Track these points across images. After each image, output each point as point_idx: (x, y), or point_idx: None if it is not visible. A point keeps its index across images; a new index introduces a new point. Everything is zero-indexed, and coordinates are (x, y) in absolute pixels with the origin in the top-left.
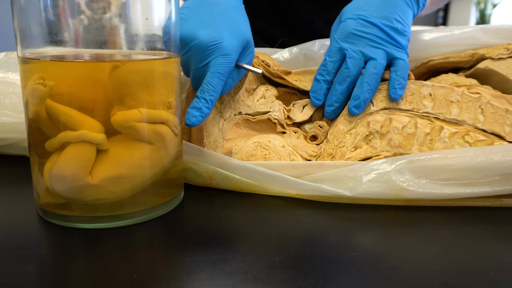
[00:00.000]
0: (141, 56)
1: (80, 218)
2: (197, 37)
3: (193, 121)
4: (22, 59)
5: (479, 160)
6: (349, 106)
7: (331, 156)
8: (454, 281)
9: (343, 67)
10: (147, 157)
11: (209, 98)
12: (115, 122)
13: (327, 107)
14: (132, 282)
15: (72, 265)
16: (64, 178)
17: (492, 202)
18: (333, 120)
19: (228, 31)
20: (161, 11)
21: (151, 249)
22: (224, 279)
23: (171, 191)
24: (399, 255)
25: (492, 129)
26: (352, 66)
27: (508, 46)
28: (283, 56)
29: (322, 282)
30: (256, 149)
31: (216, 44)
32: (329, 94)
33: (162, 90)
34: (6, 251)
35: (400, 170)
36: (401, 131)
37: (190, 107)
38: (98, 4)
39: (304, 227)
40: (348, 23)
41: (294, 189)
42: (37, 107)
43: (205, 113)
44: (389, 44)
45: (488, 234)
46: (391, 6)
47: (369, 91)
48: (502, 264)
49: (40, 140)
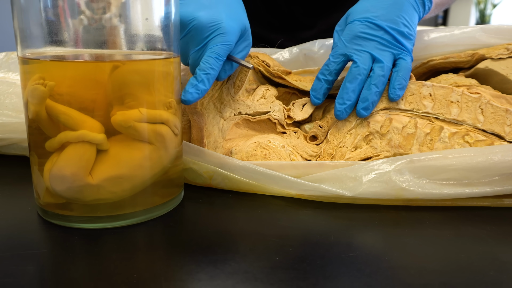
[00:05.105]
0: (141, 56)
1: (80, 218)
2: (197, 18)
3: (188, 97)
4: (22, 59)
5: (479, 160)
6: (358, 108)
7: (331, 156)
8: (454, 281)
9: (352, 66)
10: (147, 157)
11: (206, 76)
12: (115, 122)
13: (338, 105)
14: (132, 282)
15: (72, 265)
16: (64, 178)
17: (492, 202)
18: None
19: (227, 14)
20: (161, 11)
21: (151, 249)
22: (224, 279)
23: (171, 191)
24: (399, 255)
25: (492, 129)
26: (362, 65)
27: (508, 46)
28: (283, 56)
29: (322, 282)
30: (256, 149)
31: (216, 25)
32: (340, 92)
33: (162, 90)
34: (6, 251)
35: (400, 170)
36: (401, 131)
37: (186, 85)
38: (98, 4)
39: (304, 227)
40: (355, 25)
41: (294, 189)
42: (37, 107)
43: (201, 90)
44: (395, 47)
45: (488, 234)
46: (398, 10)
47: (377, 93)
48: (502, 264)
49: (40, 140)
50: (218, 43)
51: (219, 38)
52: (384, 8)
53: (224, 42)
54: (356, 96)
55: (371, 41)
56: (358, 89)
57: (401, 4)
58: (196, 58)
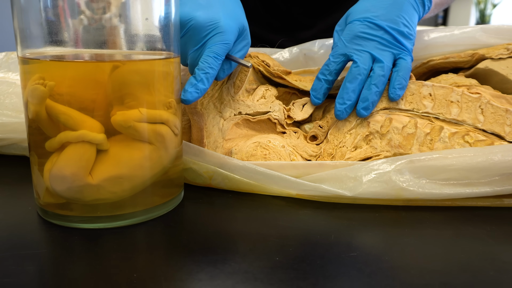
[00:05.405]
0: (141, 56)
1: (80, 218)
2: (194, 17)
3: (188, 97)
4: (22, 59)
5: (479, 160)
6: (358, 108)
7: (331, 156)
8: (454, 281)
9: (352, 65)
10: (147, 157)
11: (205, 76)
12: (115, 122)
13: (338, 105)
14: (132, 282)
15: (72, 265)
16: (64, 178)
17: (492, 202)
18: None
19: (225, 13)
20: (161, 11)
21: (151, 249)
22: (224, 279)
23: (171, 191)
24: (399, 255)
25: (492, 129)
26: (362, 64)
27: (508, 46)
28: (283, 56)
29: (322, 282)
30: (256, 149)
31: (214, 24)
32: (340, 92)
33: (162, 90)
34: (6, 251)
35: (400, 170)
36: (401, 131)
37: (186, 84)
38: (98, 4)
39: (304, 227)
40: (355, 25)
41: (294, 189)
42: (37, 107)
43: (201, 90)
44: (395, 47)
45: (488, 234)
46: (398, 9)
47: (377, 93)
48: (502, 264)
49: (40, 140)
50: (217, 42)
51: (217, 38)
52: (384, 8)
53: (222, 41)
54: (356, 96)
55: (371, 41)
56: (358, 89)
57: (401, 4)
58: (195, 58)
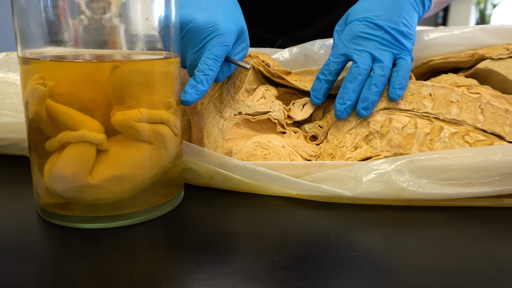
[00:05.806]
0: (141, 56)
1: (80, 218)
2: (194, 20)
3: (188, 98)
4: (22, 59)
5: (479, 160)
6: (358, 108)
7: (331, 156)
8: (454, 281)
9: (352, 65)
10: (147, 157)
11: (204, 77)
12: (115, 122)
13: (338, 105)
14: (132, 282)
15: (72, 265)
16: (64, 178)
17: (492, 202)
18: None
19: (224, 15)
20: (161, 11)
21: (151, 249)
22: (224, 279)
23: (171, 191)
24: (399, 255)
25: (492, 129)
26: (362, 64)
27: (508, 46)
28: (283, 56)
29: (322, 282)
30: (256, 149)
31: (213, 26)
32: (340, 92)
33: (162, 90)
34: (6, 251)
35: (400, 170)
36: (401, 131)
37: (186, 86)
38: (98, 4)
39: (304, 227)
40: (355, 25)
41: (294, 189)
42: (37, 107)
43: (201, 91)
44: (395, 47)
45: (488, 234)
46: (398, 9)
47: (377, 93)
48: (502, 264)
49: (40, 140)
50: (216, 44)
51: (216, 40)
52: (384, 7)
53: (221, 43)
54: (356, 96)
55: (371, 41)
56: (358, 89)
57: (401, 3)
58: (194, 60)
